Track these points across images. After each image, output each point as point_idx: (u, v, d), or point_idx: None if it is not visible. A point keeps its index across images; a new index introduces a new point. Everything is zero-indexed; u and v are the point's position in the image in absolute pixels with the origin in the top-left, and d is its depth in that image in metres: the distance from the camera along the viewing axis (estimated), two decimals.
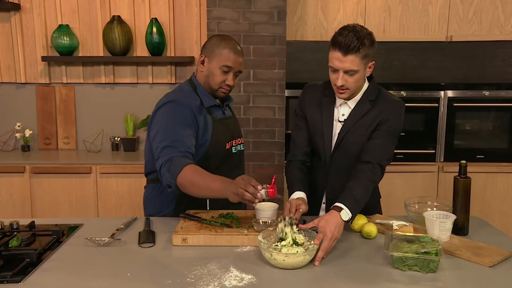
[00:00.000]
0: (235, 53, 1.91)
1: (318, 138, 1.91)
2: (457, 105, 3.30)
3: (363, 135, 1.84)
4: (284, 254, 1.43)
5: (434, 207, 1.91)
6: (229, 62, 1.89)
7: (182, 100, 1.90)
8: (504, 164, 3.34)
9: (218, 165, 1.95)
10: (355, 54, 1.70)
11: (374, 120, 1.83)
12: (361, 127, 1.84)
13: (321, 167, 1.94)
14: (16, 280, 1.38)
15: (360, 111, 1.85)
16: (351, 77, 1.75)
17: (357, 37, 1.70)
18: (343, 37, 1.70)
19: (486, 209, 3.35)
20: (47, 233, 1.74)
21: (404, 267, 1.44)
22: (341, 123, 1.87)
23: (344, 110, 1.88)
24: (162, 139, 1.82)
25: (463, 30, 3.33)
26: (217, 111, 1.99)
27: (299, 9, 3.32)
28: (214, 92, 1.96)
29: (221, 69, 1.90)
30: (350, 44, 1.69)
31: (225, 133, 1.99)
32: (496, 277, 1.42)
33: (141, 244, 1.65)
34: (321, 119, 1.90)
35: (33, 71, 3.54)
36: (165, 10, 3.49)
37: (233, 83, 1.94)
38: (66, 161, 3.24)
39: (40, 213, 3.20)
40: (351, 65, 1.72)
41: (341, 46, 1.70)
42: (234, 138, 2.04)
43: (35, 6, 3.46)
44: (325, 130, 1.88)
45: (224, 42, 1.92)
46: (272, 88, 3.18)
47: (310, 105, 1.93)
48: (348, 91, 1.79)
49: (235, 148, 2.04)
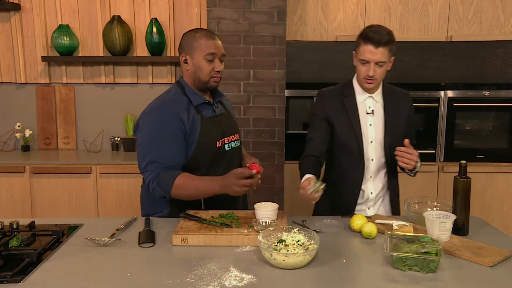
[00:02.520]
0: (212, 39, 1.93)
1: (350, 136, 2.04)
2: (457, 105, 3.30)
3: (404, 127, 2.07)
4: (284, 254, 1.44)
5: (434, 207, 1.91)
6: (211, 49, 1.91)
7: (168, 104, 1.91)
8: (504, 164, 3.34)
9: (210, 164, 1.94)
10: (384, 46, 1.91)
11: (406, 111, 2.09)
12: (401, 120, 2.07)
13: (354, 164, 2.06)
14: (16, 280, 1.38)
15: (392, 105, 2.06)
16: (380, 68, 1.95)
17: (387, 32, 1.93)
18: (375, 32, 1.92)
19: (486, 209, 3.35)
20: (47, 233, 1.74)
21: (404, 267, 1.44)
22: (371, 115, 2.04)
23: (369, 103, 2.06)
24: (146, 152, 1.87)
25: (463, 30, 3.33)
26: (206, 109, 1.98)
27: (299, 9, 3.32)
28: (206, 85, 1.95)
29: (205, 59, 1.91)
30: (382, 37, 1.91)
31: (215, 131, 1.97)
32: (496, 277, 1.42)
33: (141, 244, 1.65)
34: (349, 118, 2.04)
35: (33, 71, 3.55)
36: (165, 10, 3.49)
37: (221, 68, 1.95)
38: (66, 161, 3.24)
39: (40, 213, 3.20)
40: (381, 56, 1.92)
41: (374, 40, 1.91)
42: (227, 135, 2.01)
43: (35, 6, 3.46)
44: (355, 126, 2.03)
45: (198, 33, 1.95)
46: (272, 88, 3.18)
47: (333, 108, 2.08)
48: (376, 82, 1.99)
49: (228, 145, 2.01)
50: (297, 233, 1.58)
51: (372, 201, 2.09)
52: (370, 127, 2.04)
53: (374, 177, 2.07)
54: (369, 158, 2.04)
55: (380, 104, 2.06)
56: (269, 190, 3.20)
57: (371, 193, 2.08)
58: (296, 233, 1.58)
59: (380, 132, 2.04)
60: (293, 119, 3.34)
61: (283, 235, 1.58)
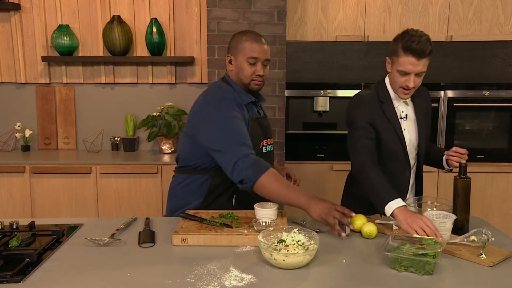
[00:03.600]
0: (257, 43, 1.94)
1: (396, 142, 1.99)
2: (457, 105, 3.30)
3: (429, 126, 2.10)
4: (284, 254, 1.43)
5: (434, 207, 1.91)
6: (254, 53, 1.93)
7: (228, 96, 1.93)
8: (504, 164, 3.34)
9: None
10: (426, 57, 1.86)
11: (426, 109, 2.09)
12: (427, 119, 2.08)
13: (401, 169, 2.03)
14: (16, 280, 1.38)
15: (419, 105, 2.05)
16: (418, 78, 1.91)
17: (428, 41, 1.85)
18: (416, 43, 1.82)
19: (486, 209, 3.35)
20: (47, 233, 1.74)
21: (400, 267, 1.44)
22: (404, 120, 2.02)
23: (402, 107, 2.03)
24: (226, 134, 1.82)
25: (463, 30, 3.33)
26: (253, 109, 2.03)
27: (299, 9, 3.32)
28: (248, 87, 1.98)
29: (247, 62, 1.93)
30: (425, 49, 1.83)
31: (259, 132, 2.01)
32: (496, 277, 1.42)
33: (141, 244, 1.65)
34: (391, 123, 1.98)
35: (33, 71, 3.55)
36: (165, 10, 3.49)
37: (263, 73, 1.96)
38: (66, 161, 3.24)
39: (40, 213, 3.20)
40: (422, 67, 1.87)
41: (417, 52, 1.83)
42: (266, 138, 2.06)
43: (35, 6, 3.46)
44: (398, 131, 1.99)
45: (245, 36, 1.97)
46: (272, 88, 3.17)
47: (375, 113, 1.97)
48: (413, 90, 1.95)
49: (266, 148, 2.05)
50: (297, 233, 1.58)
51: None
52: (404, 131, 2.02)
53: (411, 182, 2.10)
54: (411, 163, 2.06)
55: (410, 107, 2.04)
56: None
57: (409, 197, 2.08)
58: (296, 233, 1.58)
59: (413, 135, 2.04)
60: (293, 119, 3.34)
61: (283, 235, 1.58)
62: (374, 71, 3.51)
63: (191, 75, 3.56)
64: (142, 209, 3.20)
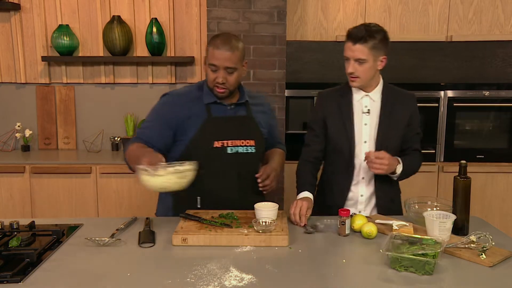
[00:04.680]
0: (219, 49, 1.87)
1: (341, 135, 2.02)
2: (457, 105, 3.30)
3: (401, 129, 2.03)
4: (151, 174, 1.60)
5: (434, 207, 1.91)
6: (213, 59, 1.88)
7: (173, 93, 2.03)
8: (504, 164, 3.34)
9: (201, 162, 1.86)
10: (363, 44, 1.88)
11: (406, 114, 2.03)
12: (399, 121, 2.02)
13: (345, 165, 2.03)
14: (16, 280, 1.38)
15: (389, 103, 2.02)
16: (360, 66, 1.92)
17: (366, 29, 1.89)
18: (355, 28, 1.92)
19: (486, 209, 3.35)
20: (47, 233, 1.74)
21: (400, 267, 1.44)
22: (366, 114, 2.01)
23: (366, 101, 2.03)
24: (138, 130, 2.04)
25: (463, 30, 3.33)
26: (218, 108, 1.97)
27: (299, 9, 3.32)
28: (212, 92, 1.96)
29: (210, 68, 1.91)
30: (358, 34, 1.88)
31: (216, 131, 1.95)
32: (496, 277, 1.42)
33: (141, 244, 1.65)
34: (342, 118, 2.02)
35: (33, 71, 3.54)
36: (165, 10, 3.49)
37: (222, 80, 1.89)
38: (66, 161, 3.24)
39: (40, 213, 3.20)
40: (359, 54, 1.89)
41: (351, 36, 1.90)
42: (233, 138, 1.96)
43: (35, 6, 3.46)
44: (347, 126, 2.01)
45: (213, 41, 1.92)
46: (272, 88, 3.17)
47: (329, 109, 2.06)
48: (358, 79, 1.95)
49: (233, 149, 1.96)
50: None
51: (363, 204, 2.05)
52: (365, 126, 2.01)
53: (367, 178, 2.03)
54: (362, 158, 1.99)
55: (377, 103, 2.02)
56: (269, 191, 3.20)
57: (361, 196, 2.04)
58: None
59: (374, 131, 2.01)
60: (293, 119, 3.34)
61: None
62: None
63: (191, 75, 3.56)
64: (142, 209, 3.20)
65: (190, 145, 1.94)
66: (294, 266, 1.49)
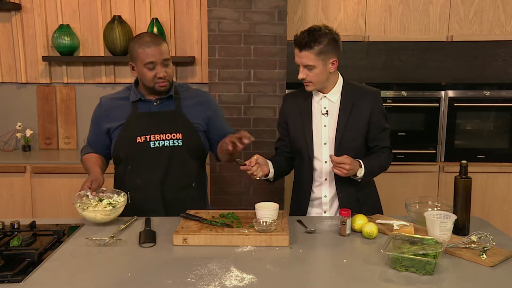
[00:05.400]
0: (150, 47, 1.92)
1: (300, 138, 2.03)
2: (457, 105, 3.30)
3: (362, 128, 1.98)
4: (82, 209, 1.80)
5: (434, 207, 1.91)
6: (149, 58, 1.92)
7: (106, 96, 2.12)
8: (505, 164, 3.33)
9: (127, 157, 2.00)
10: (308, 50, 1.86)
11: (367, 112, 1.98)
12: (359, 120, 1.98)
13: (305, 166, 2.04)
14: (17, 280, 1.38)
15: (348, 103, 1.98)
16: (310, 72, 1.90)
17: (309, 35, 1.86)
18: (298, 35, 1.89)
19: (487, 209, 3.34)
20: (47, 233, 1.74)
21: (400, 267, 1.44)
22: (325, 116, 2.00)
23: (325, 103, 2.01)
24: None
25: (463, 30, 3.33)
26: (144, 105, 2.02)
27: (300, 9, 3.32)
28: (154, 90, 1.99)
29: (146, 68, 1.94)
30: (302, 41, 1.86)
31: (139, 126, 1.99)
32: (497, 277, 1.42)
33: (142, 244, 1.65)
34: (302, 120, 2.02)
35: (34, 71, 3.55)
36: (166, 10, 3.49)
37: (163, 74, 1.95)
38: (67, 161, 3.24)
39: (40, 213, 3.20)
40: (306, 60, 1.88)
41: (296, 43, 1.89)
42: (155, 132, 1.99)
43: (36, 6, 3.46)
44: (306, 128, 2.01)
45: (137, 43, 1.96)
46: (272, 88, 3.17)
47: (290, 112, 2.08)
48: (311, 84, 1.94)
49: (156, 143, 1.98)
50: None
51: (327, 205, 2.04)
52: (324, 128, 2.00)
53: (329, 179, 2.02)
54: (322, 160, 2.01)
55: (336, 104, 2.00)
56: (269, 190, 3.20)
57: (324, 196, 2.03)
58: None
59: (333, 133, 1.99)
60: None
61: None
62: (375, 71, 3.50)
63: (192, 75, 3.56)
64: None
65: (117, 142, 2.02)
66: (295, 266, 1.49)
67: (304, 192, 2.06)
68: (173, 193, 2.02)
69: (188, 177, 2.06)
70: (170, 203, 2.02)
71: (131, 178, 2.04)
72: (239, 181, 3.21)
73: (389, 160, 2.04)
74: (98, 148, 2.12)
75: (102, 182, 1.94)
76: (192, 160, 2.06)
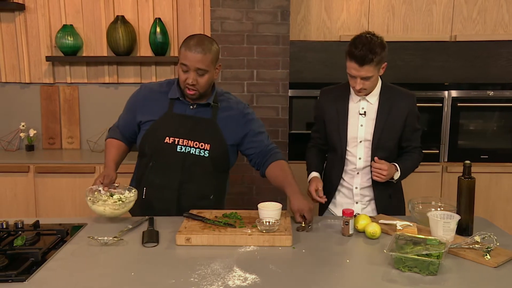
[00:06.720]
0: (190, 51, 1.87)
1: (335, 134, 2.10)
2: (461, 105, 3.29)
3: (398, 129, 2.06)
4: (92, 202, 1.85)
5: (438, 207, 1.91)
6: (184, 60, 1.89)
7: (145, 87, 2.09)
8: (509, 164, 3.32)
9: (152, 154, 1.99)
10: (369, 64, 1.90)
11: (403, 114, 2.06)
12: (396, 121, 2.05)
13: (337, 162, 2.12)
14: (21, 279, 1.39)
15: (386, 105, 2.05)
16: (367, 81, 1.96)
17: (370, 49, 1.89)
18: (358, 50, 1.89)
19: (491, 209, 3.34)
20: (51, 233, 1.75)
21: (404, 268, 1.44)
22: (363, 116, 2.06)
23: (363, 104, 2.07)
24: None
25: (467, 30, 3.32)
26: (180, 105, 1.99)
27: (303, 9, 3.32)
28: (183, 92, 1.97)
29: (181, 68, 1.92)
30: (364, 57, 1.89)
31: (173, 127, 1.96)
32: (500, 277, 1.42)
33: (145, 244, 1.65)
34: (338, 118, 2.09)
35: (37, 71, 3.56)
36: (169, 10, 3.49)
37: (192, 81, 1.89)
38: (70, 161, 3.25)
39: (44, 213, 3.21)
40: (366, 73, 1.93)
41: (357, 59, 1.90)
42: (186, 138, 1.95)
43: (40, 6, 3.47)
44: (341, 128, 2.08)
45: (185, 41, 1.94)
46: (275, 88, 3.17)
47: (327, 107, 2.13)
48: (365, 91, 2.02)
49: (183, 147, 1.95)
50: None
51: (359, 196, 2.12)
52: (361, 127, 2.07)
53: (361, 173, 2.10)
54: (356, 155, 2.08)
55: (375, 105, 2.06)
56: (272, 190, 3.20)
57: (355, 188, 2.11)
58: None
59: (369, 133, 2.06)
60: (297, 119, 3.34)
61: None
62: None
63: None
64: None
65: (145, 136, 2.00)
66: (298, 266, 1.49)
67: (333, 184, 2.15)
68: (190, 201, 1.97)
69: (207, 188, 2.01)
70: (186, 210, 1.90)
71: (150, 175, 2.00)
72: (242, 181, 3.22)
73: (420, 159, 2.15)
74: (126, 134, 2.11)
75: (114, 178, 1.95)
76: (214, 172, 2.01)
